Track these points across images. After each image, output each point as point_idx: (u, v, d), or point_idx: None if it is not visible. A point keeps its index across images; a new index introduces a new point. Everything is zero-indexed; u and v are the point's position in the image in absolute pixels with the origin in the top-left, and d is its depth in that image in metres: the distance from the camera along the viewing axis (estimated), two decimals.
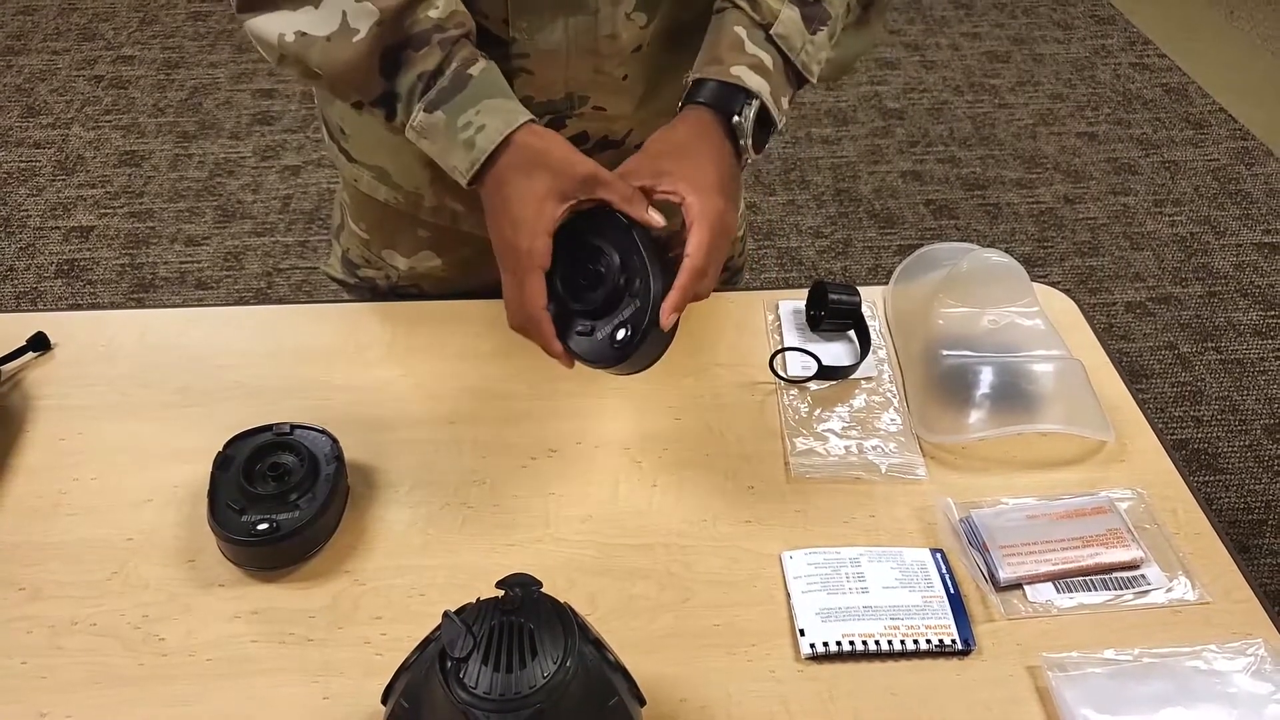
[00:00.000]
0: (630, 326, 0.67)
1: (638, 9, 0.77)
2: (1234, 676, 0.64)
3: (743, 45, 0.74)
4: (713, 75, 0.74)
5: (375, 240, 0.97)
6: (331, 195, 2.37)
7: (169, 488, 0.75)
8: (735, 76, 0.73)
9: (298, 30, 0.69)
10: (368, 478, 0.76)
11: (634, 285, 0.68)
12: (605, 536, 0.73)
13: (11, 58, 2.87)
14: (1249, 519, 1.72)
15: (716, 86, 0.73)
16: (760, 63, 0.74)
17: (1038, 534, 0.73)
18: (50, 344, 0.86)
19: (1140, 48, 3.04)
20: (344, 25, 0.68)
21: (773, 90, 0.74)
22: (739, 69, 0.73)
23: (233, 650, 0.65)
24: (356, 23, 0.68)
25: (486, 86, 0.70)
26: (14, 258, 2.18)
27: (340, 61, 0.69)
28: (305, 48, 0.70)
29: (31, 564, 0.70)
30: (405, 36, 0.68)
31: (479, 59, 0.71)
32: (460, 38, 0.70)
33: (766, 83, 0.74)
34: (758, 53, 0.74)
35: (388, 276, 0.99)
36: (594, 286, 0.69)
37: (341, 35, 0.68)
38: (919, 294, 0.90)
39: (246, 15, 0.71)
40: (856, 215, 2.37)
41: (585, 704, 0.51)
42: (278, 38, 0.70)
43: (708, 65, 0.74)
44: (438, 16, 0.69)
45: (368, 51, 0.68)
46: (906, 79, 2.87)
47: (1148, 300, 2.15)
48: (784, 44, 0.75)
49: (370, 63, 0.69)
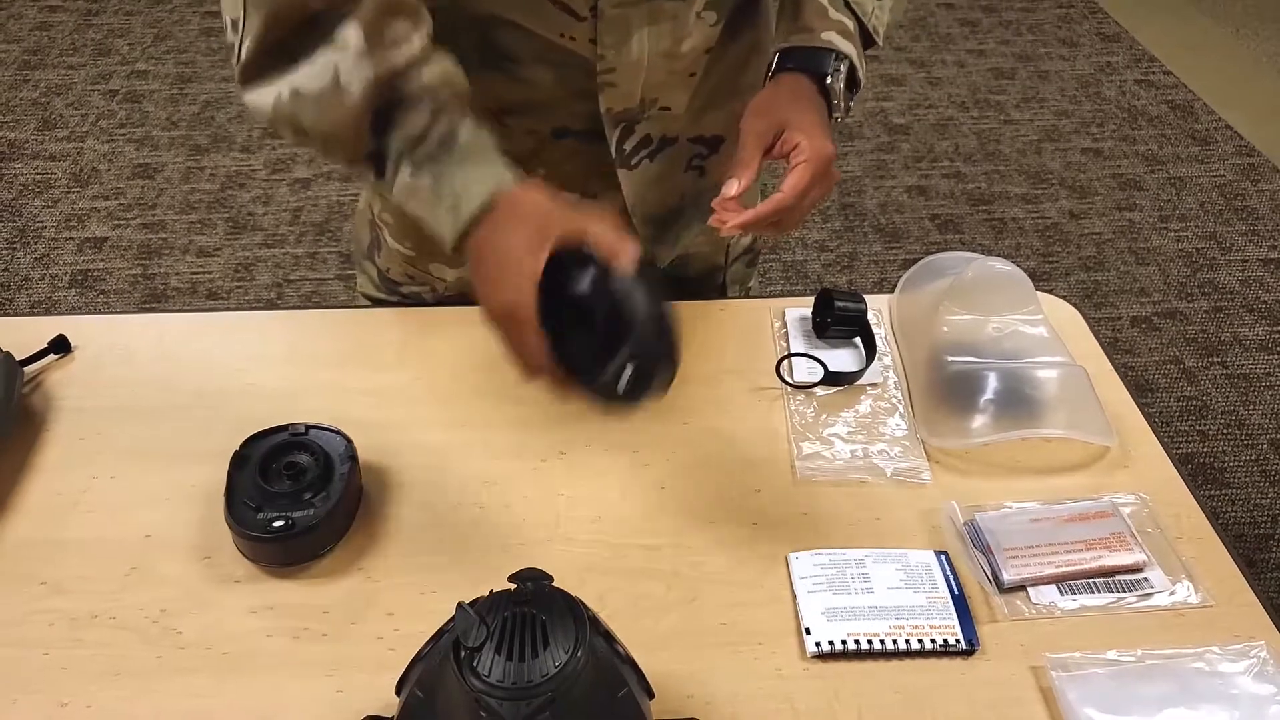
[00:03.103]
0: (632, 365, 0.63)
1: (708, 7, 0.80)
2: (1236, 678, 0.65)
3: (827, 12, 0.78)
4: (805, 43, 0.77)
5: (422, 256, 0.98)
6: (340, 208, 2.40)
7: (186, 486, 0.76)
8: (827, 42, 0.77)
9: (293, 88, 0.68)
10: (381, 477, 0.78)
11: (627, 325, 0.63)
12: (614, 537, 0.74)
13: (29, 72, 2.91)
14: (1255, 534, 1.72)
15: (806, 51, 0.77)
16: (845, 27, 0.78)
17: (1041, 537, 0.73)
18: (71, 347, 0.88)
19: (1146, 64, 3.06)
20: (334, 83, 0.67)
21: (858, 53, 0.78)
22: (829, 34, 0.77)
23: (248, 644, 0.66)
24: (349, 83, 0.67)
25: (473, 152, 0.69)
26: (29, 268, 2.20)
27: (331, 120, 0.69)
28: (298, 108, 0.68)
29: (53, 559, 0.71)
30: (398, 97, 0.68)
31: (466, 122, 0.70)
32: (452, 99, 0.70)
33: (853, 46, 0.78)
34: (841, 18, 0.78)
35: (434, 290, 1.00)
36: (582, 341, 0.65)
37: (334, 93, 0.67)
38: (924, 301, 0.92)
39: (248, 87, 0.70)
40: (862, 229, 2.38)
41: (596, 694, 0.52)
42: (274, 99, 0.69)
43: (797, 34, 0.78)
44: (430, 81, 0.69)
45: (359, 110, 0.68)
46: (912, 95, 2.89)
47: (1153, 315, 2.16)
48: (859, 9, 0.79)
49: (361, 121, 0.68)
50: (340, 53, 0.67)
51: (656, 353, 0.64)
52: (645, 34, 0.78)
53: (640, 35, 0.78)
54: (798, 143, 0.73)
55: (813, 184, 0.73)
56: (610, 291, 0.64)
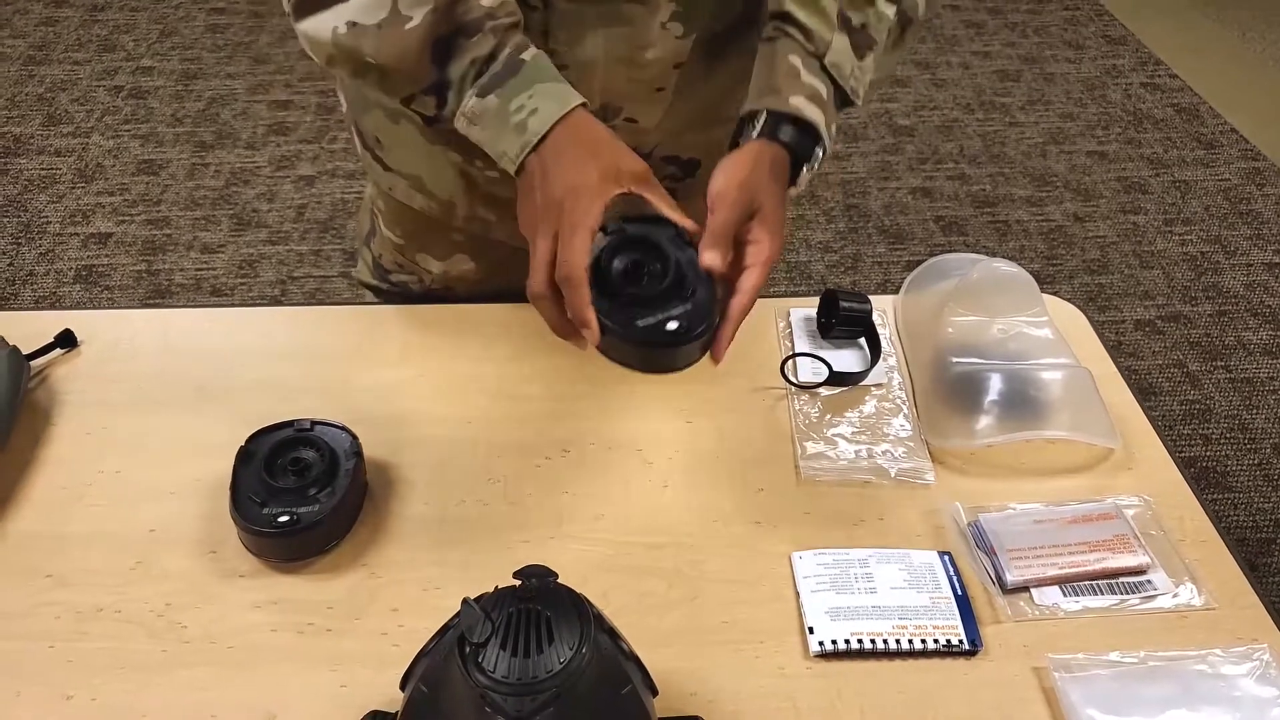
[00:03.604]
0: (686, 320, 0.69)
1: (673, 19, 0.78)
2: (1239, 680, 0.65)
3: (799, 74, 0.75)
4: (773, 106, 0.74)
5: (410, 245, 0.98)
6: (344, 205, 2.40)
7: (191, 481, 0.76)
8: (795, 108, 0.74)
9: (349, 20, 0.70)
10: (386, 474, 0.78)
11: (685, 290, 0.71)
12: (617, 535, 0.74)
13: (34, 68, 2.92)
14: (1258, 537, 1.72)
15: (793, 128, 0.74)
16: (816, 93, 0.75)
17: (1045, 538, 0.73)
18: (76, 341, 0.88)
19: (1151, 68, 3.06)
20: (395, 12, 0.69)
21: (826, 120, 0.75)
22: (797, 100, 0.74)
23: (252, 639, 0.67)
24: (409, 10, 0.68)
25: (539, 71, 0.71)
26: (34, 263, 2.21)
27: (394, 50, 0.70)
28: (358, 38, 0.70)
29: (58, 552, 0.71)
30: (458, 24, 0.69)
31: (530, 46, 0.71)
32: (512, 25, 0.71)
33: (822, 113, 0.75)
34: (813, 82, 0.75)
35: (421, 280, 1.00)
36: (636, 282, 0.71)
37: (393, 23, 0.69)
38: (929, 303, 0.92)
39: (302, 18, 0.72)
40: (866, 231, 2.38)
41: (600, 690, 0.52)
42: (331, 32, 0.70)
43: (766, 95, 0.75)
44: (489, 4, 0.70)
45: (421, 39, 0.69)
46: (917, 96, 2.89)
47: (1157, 318, 2.16)
48: (836, 72, 0.76)
49: (423, 50, 0.69)
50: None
51: (702, 313, 0.69)
52: (601, 35, 0.78)
53: (596, 36, 0.78)
54: (760, 239, 0.72)
55: (766, 278, 0.72)
56: (675, 254, 0.71)
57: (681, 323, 0.69)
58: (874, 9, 0.77)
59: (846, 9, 0.76)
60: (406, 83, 0.72)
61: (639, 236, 0.72)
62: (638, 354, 0.72)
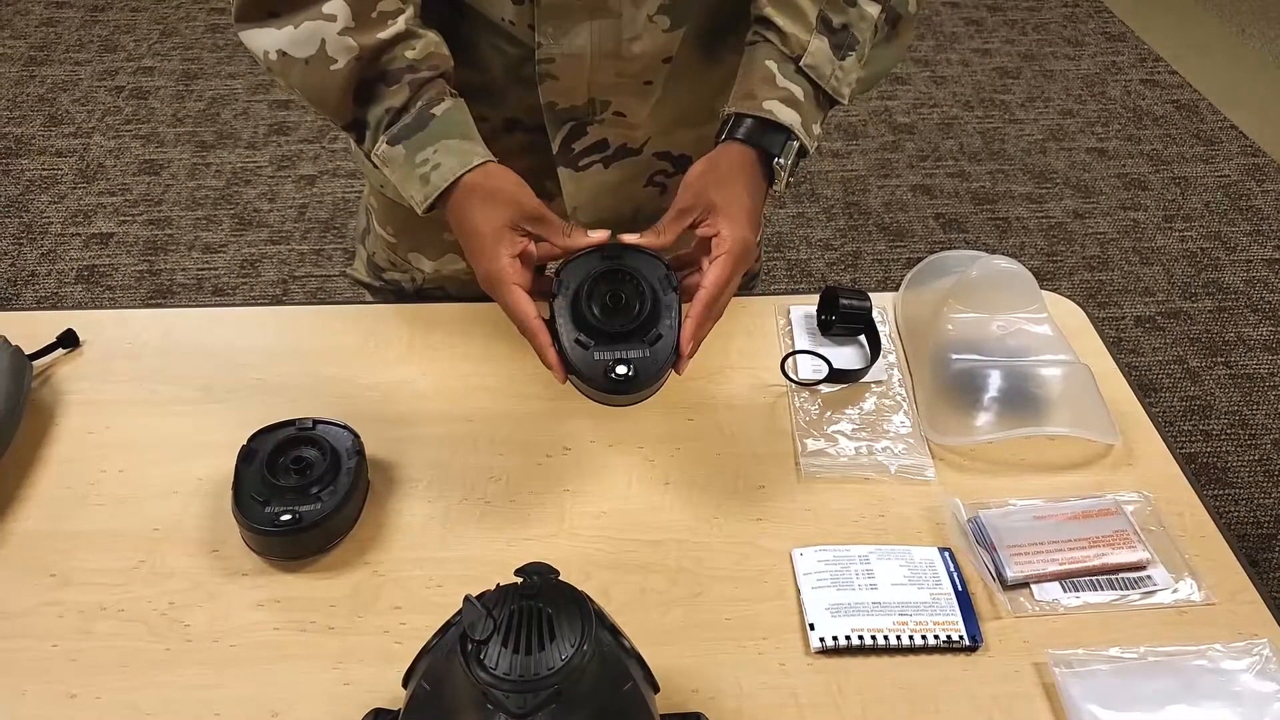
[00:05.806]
0: (632, 367, 0.69)
1: (660, 12, 0.79)
2: (1239, 675, 0.65)
3: (774, 79, 0.76)
4: (746, 110, 0.75)
5: (402, 244, 0.99)
6: (345, 204, 2.40)
7: (193, 480, 0.77)
8: (768, 111, 0.75)
9: (279, 49, 0.73)
10: (387, 472, 0.78)
11: (648, 331, 0.70)
12: (618, 532, 0.75)
13: (35, 68, 2.92)
14: (1258, 533, 1.72)
15: (753, 124, 0.75)
16: (791, 95, 0.76)
17: (1045, 534, 0.74)
18: (79, 341, 0.89)
19: (1151, 64, 3.06)
20: (322, 53, 0.72)
21: (804, 121, 0.76)
22: (771, 103, 0.75)
23: (255, 637, 0.67)
24: (336, 54, 0.72)
25: (448, 127, 0.73)
26: (35, 263, 2.21)
27: (316, 88, 0.73)
28: (286, 68, 0.74)
29: (62, 551, 0.72)
30: (381, 71, 0.73)
31: (446, 99, 0.74)
32: (433, 78, 0.74)
33: (798, 114, 0.76)
34: (789, 85, 0.76)
35: (413, 279, 1.01)
36: (610, 314, 0.70)
37: (319, 63, 0.72)
38: (929, 299, 0.92)
39: (241, 27, 0.75)
40: (866, 228, 2.38)
41: (602, 687, 0.52)
42: (263, 54, 0.74)
43: (741, 100, 0.76)
44: (413, 57, 0.73)
45: (342, 84, 0.73)
46: (917, 94, 2.89)
47: (1157, 315, 2.15)
48: (814, 73, 0.77)
49: (345, 93, 0.73)
50: (328, 25, 0.71)
51: (656, 355, 0.69)
52: (588, 28, 0.78)
53: (582, 28, 0.78)
54: (719, 231, 0.72)
55: (734, 274, 0.72)
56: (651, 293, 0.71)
57: (629, 368, 0.68)
58: (855, 9, 0.78)
59: (827, 10, 0.77)
60: (328, 114, 0.76)
61: (630, 269, 0.72)
62: (591, 393, 0.72)
